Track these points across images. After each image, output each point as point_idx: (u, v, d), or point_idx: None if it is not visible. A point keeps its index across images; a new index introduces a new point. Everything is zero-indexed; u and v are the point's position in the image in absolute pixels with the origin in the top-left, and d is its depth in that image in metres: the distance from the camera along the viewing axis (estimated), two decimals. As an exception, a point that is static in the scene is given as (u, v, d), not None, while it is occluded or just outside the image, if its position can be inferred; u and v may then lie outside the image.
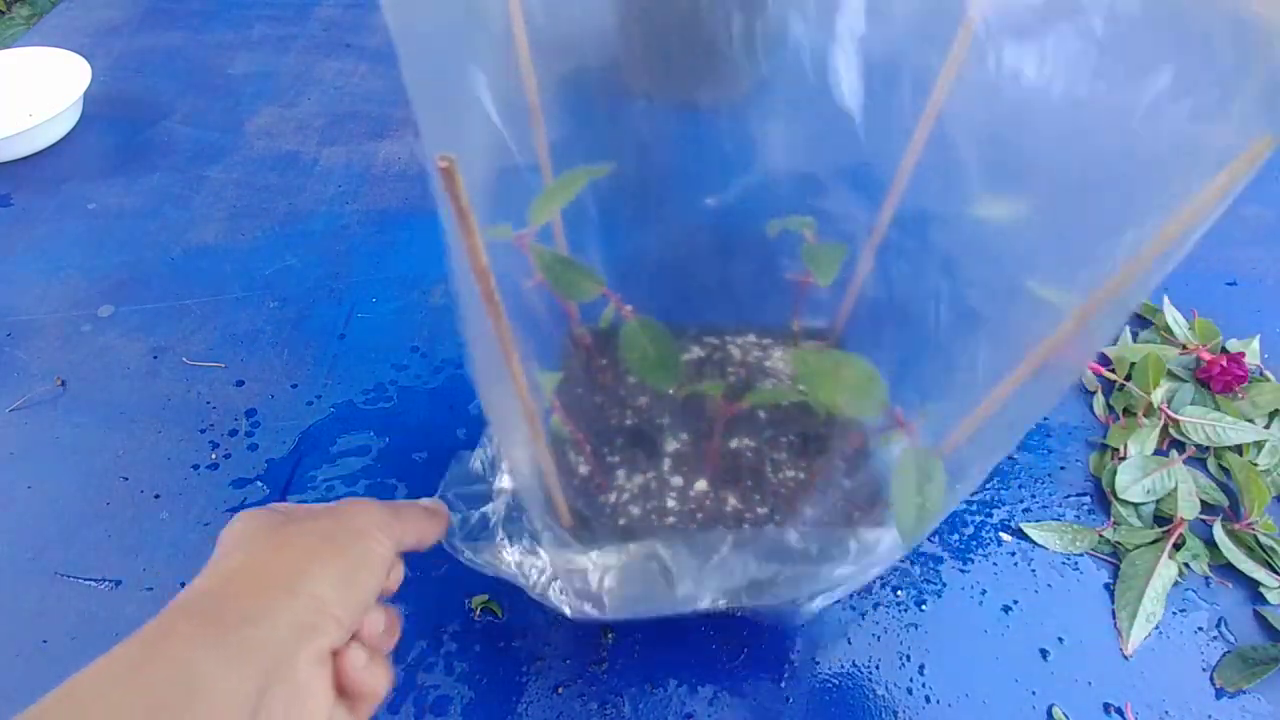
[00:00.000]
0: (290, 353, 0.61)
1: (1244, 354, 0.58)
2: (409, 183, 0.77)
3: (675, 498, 0.41)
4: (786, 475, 0.42)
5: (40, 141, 0.79)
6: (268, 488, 0.53)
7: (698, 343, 0.49)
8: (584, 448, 0.42)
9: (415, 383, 0.60)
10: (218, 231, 0.72)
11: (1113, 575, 0.50)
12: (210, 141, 0.82)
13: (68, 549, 0.50)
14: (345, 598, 0.28)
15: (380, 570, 0.30)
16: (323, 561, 0.28)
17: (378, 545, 0.31)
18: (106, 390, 0.59)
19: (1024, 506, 0.53)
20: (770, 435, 0.44)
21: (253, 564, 0.28)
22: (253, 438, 0.56)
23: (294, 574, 0.27)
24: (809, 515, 0.40)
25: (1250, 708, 0.44)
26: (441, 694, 0.44)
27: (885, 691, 0.45)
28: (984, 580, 0.49)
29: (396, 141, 0.82)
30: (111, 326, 0.63)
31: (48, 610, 0.47)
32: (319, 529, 0.30)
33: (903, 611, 0.48)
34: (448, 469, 0.45)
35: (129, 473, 0.54)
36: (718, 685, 0.45)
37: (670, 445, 0.43)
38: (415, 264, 0.68)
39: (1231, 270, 0.69)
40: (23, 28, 1.67)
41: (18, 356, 0.61)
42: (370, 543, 0.30)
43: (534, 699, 0.44)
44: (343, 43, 0.97)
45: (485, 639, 0.46)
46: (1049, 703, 0.44)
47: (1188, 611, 0.48)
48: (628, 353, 0.37)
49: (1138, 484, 0.52)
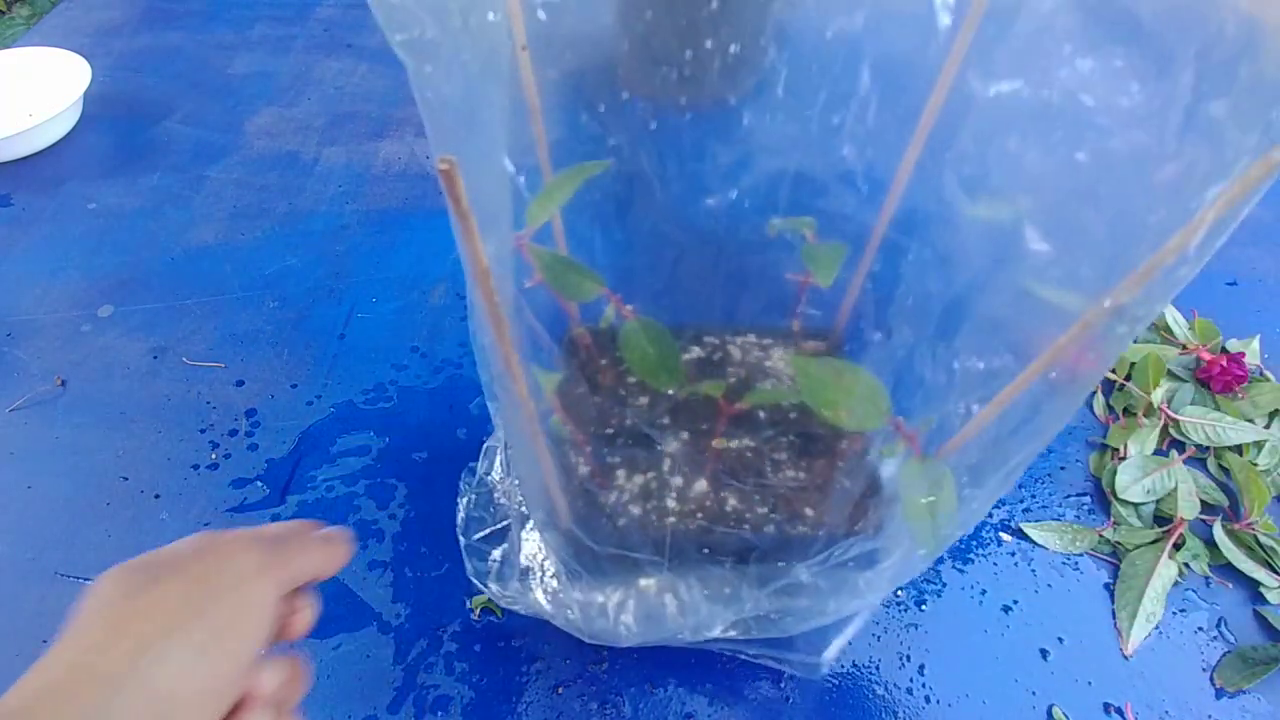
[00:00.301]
0: (290, 353, 0.61)
1: (1244, 354, 0.58)
2: (409, 183, 0.77)
3: (675, 498, 0.41)
4: (786, 475, 0.42)
5: (40, 141, 0.79)
6: (268, 488, 0.53)
7: (698, 343, 0.49)
8: (584, 448, 0.42)
9: (415, 383, 0.60)
10: (218, 231, 0.72)
11: (1113, 575, 0.50)
12: (210, 141, 0.82)
13: (68, 549, 0.50)
14: (213, 667, 0.24)
15: (263, 620, 0.27)
16: (180, 632, 0.24)
17: (256, 593, 0.27)
18: (106, 390, 0.59)
19: (1024, 506, 0.53)
20: (770, 435, 0.44)
21: (82, 659, 0.23)
22: (253, 438, 0.56)
23: (133, 660, 0.23)
24: (809, 516, 0.40)
25: (1250, 708, 0.44)
26: (441, 694, 0.44)
27: (885, 691, 0.45)
28: (984, 580, 0.49)
29: (396, 141, 0.82)
30: (111, 326, 0.63)
31: (48, 610, 0.47)
32: (179, 589, 0.25)
33: (903, 611, 0.48)
34: (459, 495, 0.46)
35: (129, 473, 0.54)
36: (718, 685, 0.45)
37: (670, 445, 0.43)
38: (415, 264, 0.68)
39: (1231, 270, 0.69)
40: (23, 28, 1.67)
41: (18, 356, 0.61)
42: (247, 591, 0.26)
43: (534, 699, 0.44)
44: (343, 43, 0.97)
45: (485, 639, 0.46)
46: (1049, 703, 0.44)
47: (1188, 611, 0.48)
48: (628, 353, 0.37)
49: (1138, 484, 0.52)
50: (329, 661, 0.45)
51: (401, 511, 0.52)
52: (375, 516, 0.52)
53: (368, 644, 0.46)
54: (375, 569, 0.49)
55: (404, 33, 0.22)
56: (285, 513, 0.52)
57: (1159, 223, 0.22)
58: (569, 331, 0.46)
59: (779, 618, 0.39)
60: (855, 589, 0.38)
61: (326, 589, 0.48)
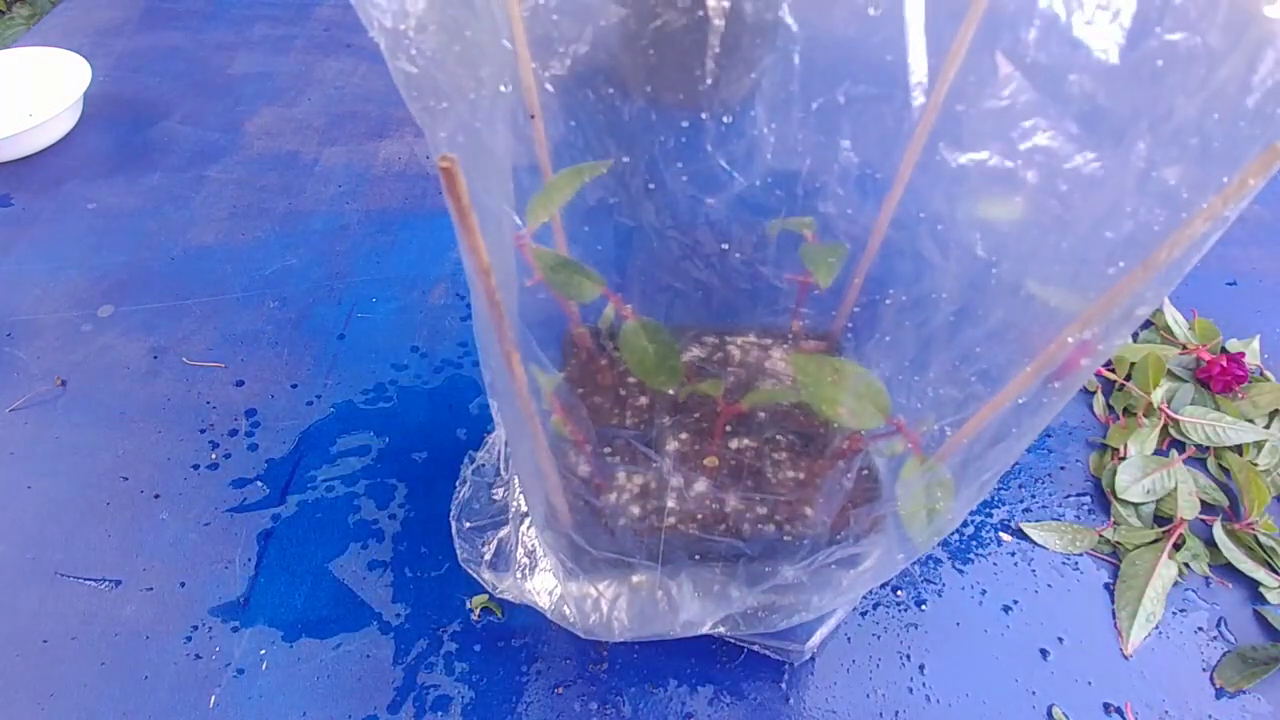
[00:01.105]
0: (290, 353, 0.61)
1: (1244, 354, 0.58)
2: (409, 183, 0.77)
3: (675, 498, 0.41)
4: (786, 475, 0.42)
5: (40, 141, 0.79)
6: (268, 488, 0.53)
7: (698, 343, 0.49)
8: (584, 448, 0.42)
9: (415, 383, 0.60)
10: (218, 231, 0.72)
11: (1113, 575, 0.50)
12: (210, 141, 0.82)
13: (68, 549, 0.50)
14: None
15: None
16: None
17: None
18: (106, 390, 0.59)
19: (1024, 506, 0.53)
20: (770, 435, 0.44)
21: None
22: (253, 438, 0.56)
23: None
24: (809, 516, 0.40)
25: (1250, 708, 0.44)
26: (441, 694, 0.44)
27: (885, 691, 0.45)
28: (984, 580, 0.49)
29: (396, 141, 0.82)
30: (111, 326, 0.63)
31: (48, 610, 0.47)
32: None
33: (903, 611, 0.48)
34: (459, 480, 0.46)
35: (129, 473, 0.54)
36: (718, 685, 0.45)
37: (670, 445, 0.43)
38: (415, 264, 0.68)
39: (1231, 270, 0.69)
40: (23, 28, 1.67)
41: (18, 356, 0.61)
42: None
43: (534, 699, 0.44)
44: (343, 43, 0.97)
45: (485, 639, 0.46)
46: (1049, 703, 0.44)
47: (1188, 611, 0.48)
48: (628, 353, 0.37)
49: (1138, 484, 0.52)
50: (329, 661, 0.45)
51: (401, 511, 0.52)
52: (375, 516, 0.52)
53: (368, 644, 0.46)
54: (375, 569, 0.49)
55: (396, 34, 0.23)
56: (286, 513, 0.52)
57: (1118, 273, 0.24)
58: (569, 331, 0.46)
59: (765, 615, 0.40)
60: (838, 587, 0.38)
61: (327, 589, 0.48)
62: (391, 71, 0.23)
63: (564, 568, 0.40)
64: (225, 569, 0.49)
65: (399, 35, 0.23)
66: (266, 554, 0.50)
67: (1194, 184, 0.21)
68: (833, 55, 0.31)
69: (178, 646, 0.46)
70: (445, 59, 0.23)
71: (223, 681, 0.44)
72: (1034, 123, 0.24)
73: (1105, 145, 0.24)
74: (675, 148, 0.36)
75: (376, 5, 0.22)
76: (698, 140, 0.35)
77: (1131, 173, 0.23)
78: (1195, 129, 0.21)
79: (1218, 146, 0.20)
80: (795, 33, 0.29)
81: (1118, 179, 0.23)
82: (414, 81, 0.23)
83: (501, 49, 0.28)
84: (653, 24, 0.32)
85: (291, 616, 0.47)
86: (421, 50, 0.23)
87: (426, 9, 0.23)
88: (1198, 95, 0.21)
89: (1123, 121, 0.23)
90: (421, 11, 0.23)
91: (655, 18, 0.32)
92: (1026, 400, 0.28)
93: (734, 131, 0.35)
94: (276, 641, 0.46)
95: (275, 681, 0.44)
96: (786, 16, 0.28)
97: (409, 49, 0.23)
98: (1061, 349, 0.26)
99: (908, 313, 0.32)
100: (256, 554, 0.50)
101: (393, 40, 0.23)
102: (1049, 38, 0.23)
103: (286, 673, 0.45)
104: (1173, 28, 0.21)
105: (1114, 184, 0.23)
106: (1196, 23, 0.21)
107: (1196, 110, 0.21)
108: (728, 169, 0.36)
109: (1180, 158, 0.21)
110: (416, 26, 0.23)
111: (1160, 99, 0.22)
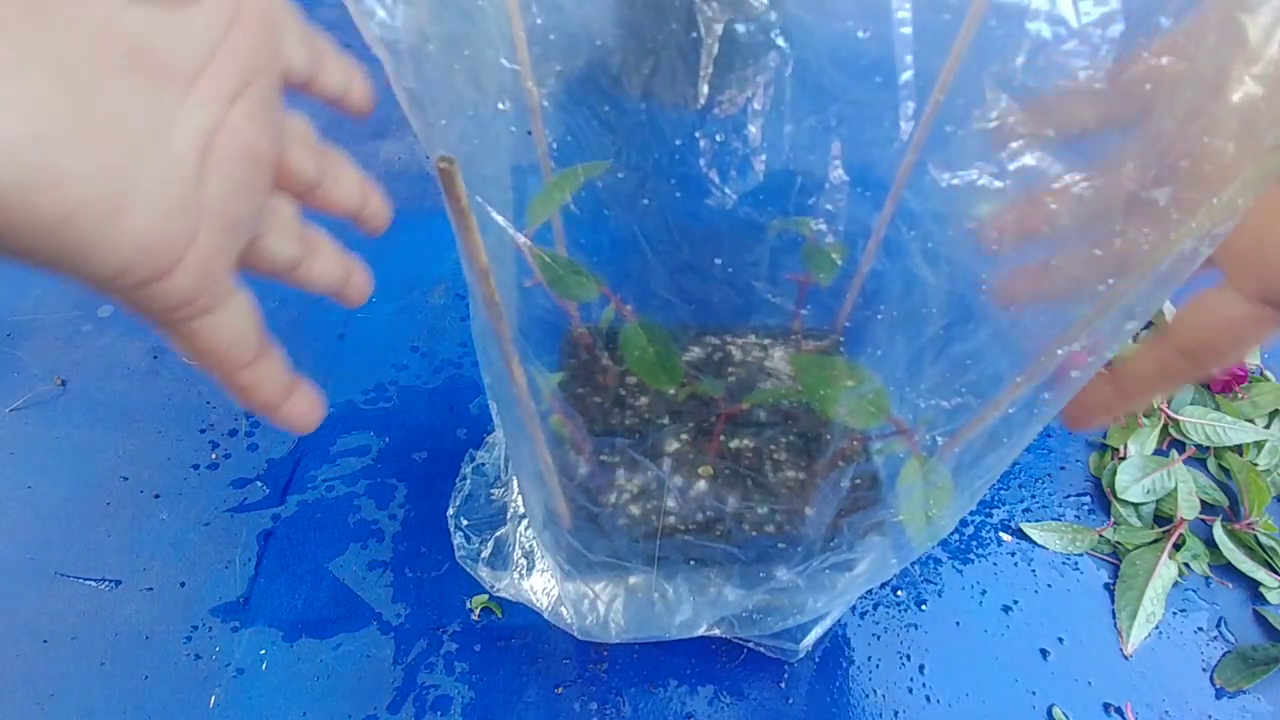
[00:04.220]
0: (290, 353, 0.61)
1: (1244, 354, 0.58)
2: (409, 183, 0.77)
3: (675, 498, 0.41)
4: (786, 475, 0.42)
5: (40, 141, 0.79)
6: (268, 488, 0.53)
7: (698, 343, 0.49)
8: (583, 448, 0.42)
9: (415, 383, 0.60)
10: (218, 231, 0.72)
11: (1113, 575, 0.50)
12: (210, 141, 0.81)
13: (68, 549, 0.50)
14: None
15: None
16: None
17: None
18: (106, 390, 0.59)
19: (1024, 506, 0.53)
20: (770, 435, 0.44)
21: None
22: (253, 438, 0.56)
23: None
24: (807, 518, 0.40)
25: (1250, 708, 0.44)
26: (441, 694, 0.44)
27: (885, 691, 0.45)
28: (984, 580, 0.49)
29: (396, 141, 0.82)
30: (111, 326, 0.63)
31: (48, 610, 0.47)
32: None
33: (902, 611, 0.48)
34: (459, 477, 0.46)
35: (129, 473, 0.54)
36: (718, 685, 0.45)
37: (670, 445, 0.43)
38: (415, 264, 0.68)
39: (1231, 270, 0.69)
40: (23, 27, 1.66)
41: (18, 356, 0.61)
42: None
43: (534, 699, 0.44)
44: (343, 43, 0.96)
45: (485, 639, 0.46)
46: (1049, 703, 0.44)
47: (1188, 611, 0.48)
48: (628, 353, 0.37)
49: (1138, 484, 0.52)
50: (329, 661, 0.45)
51: (401, 511, 0.52)
52: (375, 516, 0.52)
53: (368, 644, 0.46)
54: (375, 569, 0.49)
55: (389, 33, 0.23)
56: (285, 513, 0.52)
57: (1107, 291, 0.25)
58: (569, 331, 0.46)
59: (761, 617, 0.41)
60: (834, 589, 0.38)
61: (327, 589, 0.48)
62: (394, 89, 0.23)
63: (561, 569, 0.40)
64: (225, 569, 0.49)
65: (399, 52, 0.23)
66: (266, 554, 0.50)
67: (1183, 205, 0.21)
68: (834, 55, 0.31)
69: (178, 646, 0.46)
70: (445, 76, 0.24)
71: (223, 681, 0.44)
72: (1022, 144, 0.25)
73: (1094, 166, 0.24)
74: (674, 151, 0.36)
75: (377, 21, 0.22)
76: (695, 145, 0.35)
77: (1120, 193, 0.23)
78: (1185, 151, 0.21)
79: (1209, 169, 0.20)
80: (797, 33, 0.30)
81: (1106, 199, 0.23)
82: (414, 98, 0.23)
83: (500, 67, 0.29)
84: (648, 44, 0.32)
85: (291, 616, 0.47)
86: (421, 67, 0.23)
87: (426, 26, 0.23)
88: (1186, 118, 0.21)
89: (1111, 143, 0.23)
90: (421, 29, 0.23)
91: (651, 38, 0.32)
92: (1017, 410, 0.28)
93: (735, 130, 0.35)
94: (276, 641, 0.46)
95: (275, 681, 0.44)
96: (778, 39, 0.28)
97: (409, 66, 0.23)
98: (1051, 361, 0.26)
99: (899, 327, 0.32)
100: (256, 554, 0.50)
101: (393, 57, 0.23)
102: (1036, 61, 0.23)
103: (286, 673, 0.45)
104: (1161, 52, 0.21)
105: (1103, 203, 0.23)
106: (1184, 47, 0.21)
107: (1185, 133, 0.21)
108: (728, 169, 0.36)
109: (1169, 179, 0.22)
110: (416, 44, 0.23)
111: (1149, 121, 0.22)
